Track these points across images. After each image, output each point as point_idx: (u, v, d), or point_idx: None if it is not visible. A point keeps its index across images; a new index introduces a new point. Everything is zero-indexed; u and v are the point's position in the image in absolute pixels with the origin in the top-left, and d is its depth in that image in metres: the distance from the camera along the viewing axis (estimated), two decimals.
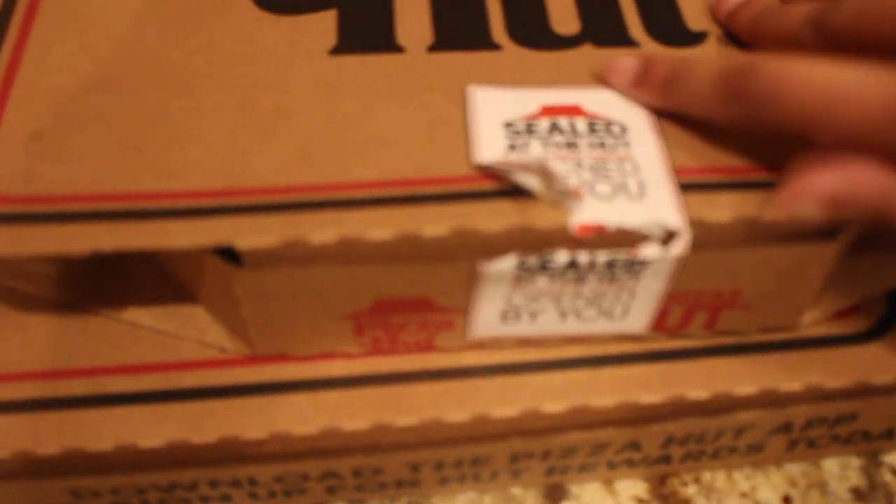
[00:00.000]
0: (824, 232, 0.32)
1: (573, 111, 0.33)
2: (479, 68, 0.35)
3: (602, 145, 0.32)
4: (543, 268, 0.31)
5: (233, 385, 0.35)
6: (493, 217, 0.29)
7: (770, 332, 0.37)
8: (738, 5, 0.37)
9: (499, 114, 0.33)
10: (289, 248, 0.29)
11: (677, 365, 0.36)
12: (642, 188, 0.30)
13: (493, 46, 0.36)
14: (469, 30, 0.36)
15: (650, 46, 0.36)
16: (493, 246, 0.30)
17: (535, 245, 0.30)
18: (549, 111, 0.33)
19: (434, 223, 0.29)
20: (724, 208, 0.30)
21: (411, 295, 0.33)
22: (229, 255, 0.30)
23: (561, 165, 0.31)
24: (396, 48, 0.36)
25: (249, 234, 0.29)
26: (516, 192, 0.30)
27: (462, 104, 0.33)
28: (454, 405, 0.34)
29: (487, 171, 0.31)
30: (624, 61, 0.34)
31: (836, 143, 0.29)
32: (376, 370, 0.35)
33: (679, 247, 0.30)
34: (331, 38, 0.36)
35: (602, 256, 0.31)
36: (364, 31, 0.36)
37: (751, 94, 0.29)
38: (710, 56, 0.36)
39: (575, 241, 0.30)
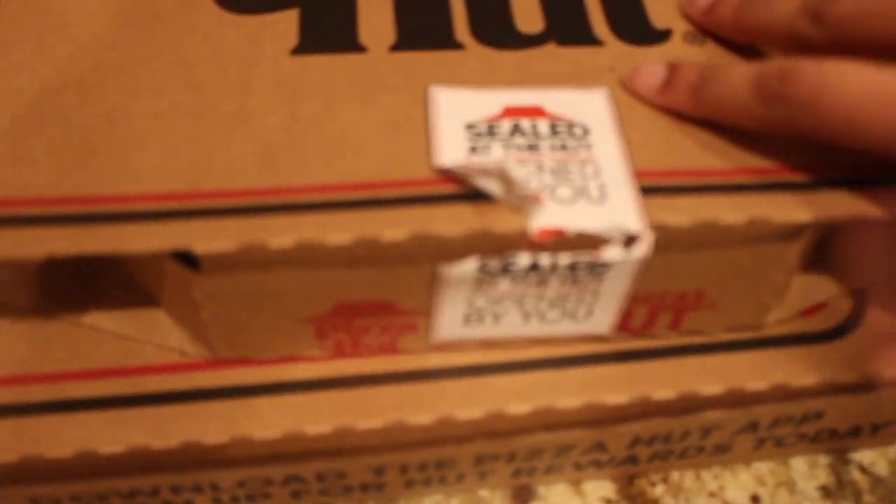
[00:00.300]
0: (786, 232, 0.31)
1: (535, 112, 0.33)
2: (442, 68, 0.34)
3: (563, 147, 0.31)
4: (505, 270, 0.31)
5: (194, 389, 0.34)
6: (452, 221, 0.29)
7: (736, 332, 0.37)
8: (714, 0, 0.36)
9: (461, 115, 0.32)
10: (247, 252, 0.29)
11: (643, 365, 0.36)
12: (603, 192, 0.30)
13: (457, 46, 0.35)
14: (432, 29, 0.36)
15: (614, 45, 0.36)
16: (453, 250, 0.30)
17: (494, 249, 0.30)
18: (511, 112, 0.33)
19: (393, 227, 0.29)
20: (684, 212, 0.30)
21: (372, 298, 0.32)
22: (188, 259, 0.30)
23: (521, 169, 0.30)
24: (359, 48, 0.35)
25: (207, 239, 0.29)
26: (477, 196, 0.30)
27: (424, 104, 0.33)
28: (418, 408, 0.34)
29: (448, 175, 0.30)
30: (650, 67, 0.34)
31: (876, 151, 0.29)
32: (339, 373, 0.35)
33: (641, 249, 0.30)
34: (292, 38, 0.35)
35: (564, 259, 0.30)
36: (326, 31, 0.36)
37: (790, 98, 0.29)
38: (673, 54, 0.36)
39: (535, 245, 0.30)
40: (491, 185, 0.29)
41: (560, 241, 0.29)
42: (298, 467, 0.36)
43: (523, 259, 0.30)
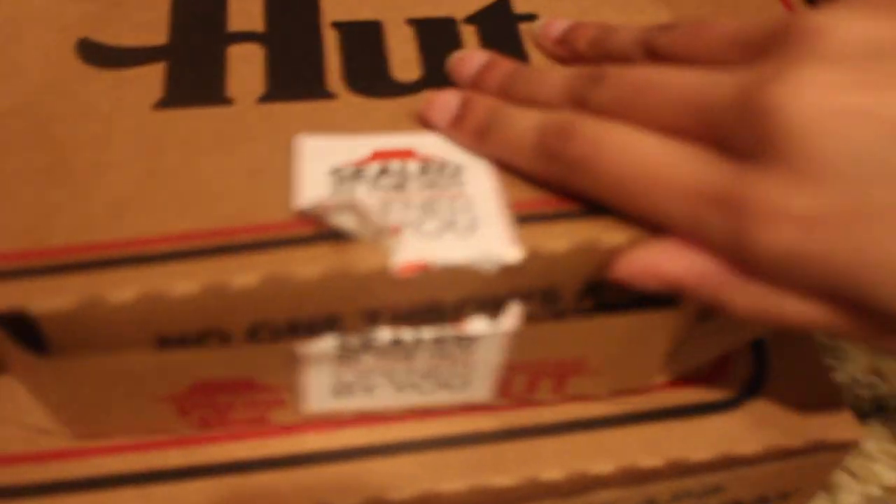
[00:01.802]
0: (666, 299, 0.30)
1: (405, 154, 0.31)
2: (311, 118, 0.33)
3: (433, 185, 0.30)
4: (366, 347, 0.29)
5: (53, 482, 0.32)
6: (308, 262, 0.27)
7: (627, 403, 0.35)
8: (566, 31, 0.36)
9: (326, 161, 0.31)
10: (85, 309, 0.27)
11: (530, 443, 0.34)
12: (473, 223, 0.29)
13: (328, 95, 0.34)
14: (303, 79, 0.35)
15: None
16: (310, 295, 0.28)
17: (354, 291, 0.28)
18: (380, 156, 0.31)
19: (244, 271, 0.27)
20: (561, 237, 0.29)
21: (231, 376, 0.30)
22: (32, 341, 0.28)
23: (384, 206, 0.29)
24: (225, 100, 0.34)
25: (44, 297, 0.27)
26: (336, 236, 0.28)
27: (289, 153, 0.31)
28: (291, 499, 0.32)
29: (306, 217, 0.29)
30: (444, 97, 0.33)
31: (644, 220, 0.28)
32: (209, 459, 0.33)
33: (508, 321, 0.29)
34: (157, 92, 0.34)
35: (428, 334, 0.29)
36: (192, 84, 0.34)
37: (566, 158, 0.29)
38: None
39: (398, 288, 0.28)
40: (348, 221, 0.28)
41: (418, 308, 0.28)
42: None
43: (385, 334, 0.29)
